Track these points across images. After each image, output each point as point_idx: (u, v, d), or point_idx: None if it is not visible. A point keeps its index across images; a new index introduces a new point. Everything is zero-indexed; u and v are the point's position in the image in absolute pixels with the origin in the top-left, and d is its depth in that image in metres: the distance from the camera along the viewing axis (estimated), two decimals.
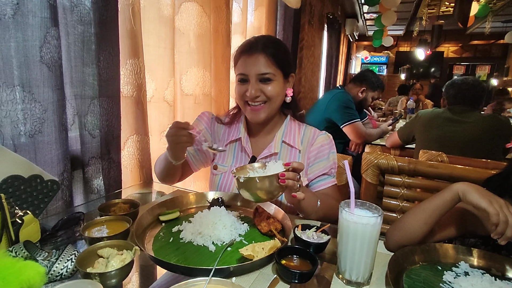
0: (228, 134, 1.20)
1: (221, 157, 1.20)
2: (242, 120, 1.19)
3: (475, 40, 9.21)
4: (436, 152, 1.57)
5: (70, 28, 1.06)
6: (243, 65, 1.06)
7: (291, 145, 1.13)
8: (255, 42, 1.08)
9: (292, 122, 1.18)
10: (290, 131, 1.16)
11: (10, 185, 0.76)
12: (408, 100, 4.11)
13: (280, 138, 1.14)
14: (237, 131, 1.18)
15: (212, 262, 0.72)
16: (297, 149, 1.13)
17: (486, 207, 0.68)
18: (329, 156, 1.13)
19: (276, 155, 1.13)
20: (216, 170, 1.19)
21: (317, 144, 1.13)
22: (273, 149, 1.12)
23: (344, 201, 0.70)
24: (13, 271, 0.53)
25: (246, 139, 1.16)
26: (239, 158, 1.17)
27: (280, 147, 1.13)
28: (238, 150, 1.18)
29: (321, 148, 1.13)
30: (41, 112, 0.95)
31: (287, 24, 3.00)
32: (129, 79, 1.25)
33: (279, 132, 1.15)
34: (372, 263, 0.68)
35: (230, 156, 1.19)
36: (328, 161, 1.12)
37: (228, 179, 1.16)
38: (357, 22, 7.70)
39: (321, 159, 1.12)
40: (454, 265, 0.74)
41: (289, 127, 1.16)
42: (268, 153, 1.12)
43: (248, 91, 1.04)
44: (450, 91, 1.98)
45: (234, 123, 1.21)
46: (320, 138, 1.14)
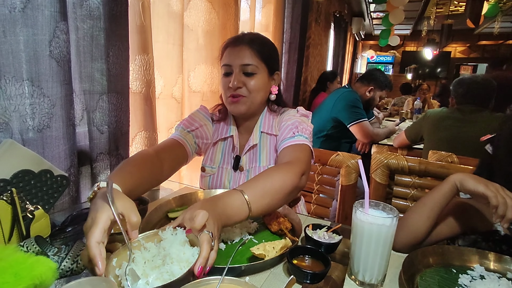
0: (216, 131, 1.18)
1: (208, 158, 1.18)
2: (230, 117, 1.16)
3: (483, 40, 9.10)
4: (446, 153, 1.55)
5: (79, 23, 1.05)
6: (227, 56, 1.06)
7: (270, 133, 1.12)
8: (242, 36, 1.08)
9: (270, 112, 1.15)
10: (268, 120, 1.14)
11: (21, 180, 0.76)
12: (415, 101, 4.08)
13: (258, 129, 1.13)
14: (227, 129, 1.16)
15: (223, 260, 0.71)
16: (275, 135, 1.11)
17: (484, 191, 0.71)
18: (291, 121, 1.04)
19: (256, 146, 1.12)
20: (204, 172, 1.17)
21: (284, 118, 1.09)
22: (252, 142, 1.11)
23: (358, 201, 0.68)
24: (25, 266, 0.52)
25: (237, 137, 1.14)
26: (226, 158, 1.16)
27: (259, 138, 1.12)
28: (228, 148, 1.16)
29: (288, 120, 1.06)
30: (50, 107, 0.94)
31: (294, 22, 2.98)
32: (138, 75, 1.24)
33: (257, 123, 1.13)
34: (386, 265, 0.67)
35: (218, 155, 1.17)
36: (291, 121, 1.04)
37: (217, 181, 1.14)
38: (364, 21, 7.65)
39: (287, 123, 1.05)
40: (469, 268, 0.73)
41: (266, 117, 1.14)
42: (248, 147, 1.12)
43: (230, 82, 1.02)
44: (458, 90, 1.93)
45: (223, 120, 1.19)
46: (286, 113, 1.11)
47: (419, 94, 4.70)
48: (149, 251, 0.62)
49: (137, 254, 0.61)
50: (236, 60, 1.03)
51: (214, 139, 1.17)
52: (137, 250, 0.63)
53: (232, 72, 1.04)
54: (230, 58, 1.05)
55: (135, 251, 0.62)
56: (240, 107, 1.06)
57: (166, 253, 0.59)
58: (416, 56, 9.47)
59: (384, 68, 10.40)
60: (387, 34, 7.22)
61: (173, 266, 0.56)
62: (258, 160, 1.12)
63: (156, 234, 0.66)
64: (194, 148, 1.12)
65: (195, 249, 0.60)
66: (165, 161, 0.97)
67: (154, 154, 0.96)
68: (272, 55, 1.10)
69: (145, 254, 0.61)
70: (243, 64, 1.03)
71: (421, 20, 7.41)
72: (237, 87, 1.03)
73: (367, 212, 0.65)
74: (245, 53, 1.03)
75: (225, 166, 1.15)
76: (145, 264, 0.59)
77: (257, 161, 1.12)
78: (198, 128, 1.14)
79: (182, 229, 0.64)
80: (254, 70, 1.03)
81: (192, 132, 1.12)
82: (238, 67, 1.03)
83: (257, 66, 1.04)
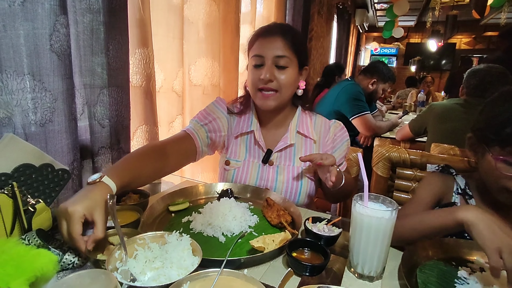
0: (238, 125, 1.15)
1: (233, 152, 1.15)
2: (252, 111, 1.15)
3: (490, 31, 8.95)
4: (449, 146, 1.54)
5: (79, 17, 1.04)
6: (259, 46, 1.02)
7: (306, 135, 1.12)
8: (273, 26, 1.05)
9: (303, 113, 1.16)
10: (303, 121, 1.14)
11: (22, 174, 0.76)
12: (419, 93, 4.04)
13: (295, 129, 1.12)
14: (248, 123, 1.14)
15: (222, 253, 0.72)
16: (312, 139, 1.12)
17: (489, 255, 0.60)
18: (342, 145, 1.14)
19: (292, 147, 1.11)
20: (228, 166, 1.14)
21: (331, 133, 1.13)
22: (289, 141, 1.10)
23: (358, 194, 0.68)
24: (27, 259, 0.53)
25: (259, 131, 1.12)
26: (252, 152, 1.14)
27: (295, 138, 1.12)
28: (251, 143, 1.14)
29: (335, 137, 1.13)
30: (51, 101, 0.94)
31: (296, 14, 2.94)
32: (138, 69, 1.24)
33: (292, 122, 1.13)
34: (385, 258, 0.67)
35: (243, 149, 1.14)
36: (343, 150, 1.14)
37: (243, 174, 1.12)
38: (367, 13, 7.54)
39: (337, 148, 1.13)
40: (470, 261, 0.73)
41: (301, 118, 1.14)
42: (284, 145, 1.10)
43: (262, 74, 1.00)
44: (471, 81, 1.87)
45: (244, 113, 1.16)
46: (332, 127, 1.14)
47: (423, 87, 4.66)
48: (152, 251, 0.63)
49: (140, 252, 0.63)
50: (269, 51, 1.00)
51: (235, 133, 1.14)
52: (141, 248, 0.64)
53: (263, 64, 1.01)
54: (262, 49, 1.01)
55: (139, 248, 0.64)
56: (271, 102, 1.04)
57: (167, 256, 0.61)
58: (420, 48, 9.34)
59: (388, 60, 10.28)
60: (391, 26, 7.14)
61: (172, 271, 0.57)
62: (292, 160, 1.11)
63: (162, 236, 0.68)
64: (205, 143, 1.10)
65: (195, 258, 0.61)
66: (172, 154, 0.97)
67: (161, 146, 0.96)
68: (303, 48, 1.08)
69: (148, 253, 0.63)
70: (277, 56, 1.00)
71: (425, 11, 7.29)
72: (268, 80, 1.00)
73: (367, 205, 0.65)
74: (278, 44, 1.00)
75: (252, 159, 1.13)
76: (146, 263, 0.61)
77: (291, 160, 1.11)
78: (212, 121, 1.12)
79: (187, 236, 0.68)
80: (287, 63, 1.01)
81: (205, 126, 1.10)
82: (271, 59, 1.00)
83: (290, 59, 1.02)
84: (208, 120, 1.12)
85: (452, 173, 0.95)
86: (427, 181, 0.96)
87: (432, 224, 0.74)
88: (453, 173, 0.94)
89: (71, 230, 0.59)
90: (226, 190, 1.04)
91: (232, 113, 1.17)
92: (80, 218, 0.60)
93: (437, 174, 0.97)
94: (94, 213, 0.62)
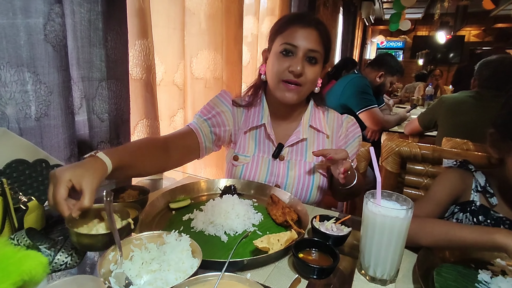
0: (247, 119, 1.10)
1: (241, 147, 1.09)
2: (263, 104, 1.09)
3: (500, 23, 8.73)
4: (461, 140, 1.48)
5: (76, 6, 1.00)
6: (293, 35, 0.95)
7: (319, 130, 1.08)
8: (308, 16, 1.00)
9: (316, 107, 1.12)
10: (315, 115, 1.10)
11: (14, 170, 0.73)
12: (427, 87, 3.94)
13: (307, 123, 1.08)
14: (258, 117, 1.08)
15: (224, 253, 0.68)
16: (325, 133, 1.08)
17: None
18: (354, 140, 1.12)
19: (304, 141, 1.07)
20: (237, 161, 1.08)
21: (343, 128, 1.10)
22: (301, 135, 1.05)
23: (369, 191, 0.63)
24: (14, 261, 0.49)
25: (270, 125, 1.07)
26: (261, 146, 1.09)
27: (307, 133, 1.07)
28: (261, 137, 1.09)
29: (347, 132, 1.10)
30: (47, 94, 0.90)
31: (301, 6, 2.87)
32: (138, 61, 1.20)
33: (305, 116, 1.08)
34: (399, 260, 0.62)
35: (252, 144, 1.09)
36: (354, 146, 1.11)
37: (252, 170, 1.06)
38: (374, 5, 7.39)
39: (349, 143, 1.10)
40: (489, 263, 0.68)
41: (314, 111, 1.10)
42: (296, 139, 1.05)
43: (293, 66, 0.94)
44: (483, 72, 1.80)
45: (253, 106, 1.10)
46: (345, 122, 1.12)
47: (431, 80, 4.56)
48: (149, 252, 0.60)
49: (136, 253, 0.59)
50: (304, 42, 0.94)
51: (244, 128, 1.09)
52: (138, 248, 0.60)
53: (294, 54, 0.96)
54: (297, 39, 0.95)
55: (135, 249, 0.60)
56: (292, 95, 0.98)
57: (165, 258, 0.57)
58: (428, 41, 9.16)
59: (394, 53, 10.08)
60: (398, 19, 6.99)
61: (169, 274, 0.53)
62: (304, 155, 1.07)
63: (160, 236, 0.64)
64: (209, 139, 1.05)
65: (195, 260, 0.57)
66: (174, 149, 0.94)
67: (162, 140, 0.93)
68: (331, 44, 1.04)
69: (145, 255, 0.59)
70: (311, 49, 0.95)
71: (434, 3, 7.12)
72: (299, 73, 0.95)
73: (379, 204, 0.61)
74: (314, 37, 0.96)
75: (261, 154, 1.08)
76: (142, 265, 0.57)
77: (303, 155, 1.07)
78: (215, 116, 1.07)
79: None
80: (317, 57, 0.97)
81: (208, 121, 1.06)
82: (304, 50, 0.95)
83: (321, 54, 0.98)
84: (212, 115, 1.07)
85: (471, 169, 0.89)
86: (444, 177, 0.91)
87: (463, 239, 0.66)
88: (472, 169, 0.89)
89: (55, 193, 0.58)
90: (229, 186, 1.00)
91: (239, 106, 1.11)
92: (66, 182, 0.58)
93: (454, 169, 0.91)
94: (82, 181, 0.60)
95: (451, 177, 0.89)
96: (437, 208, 0.84)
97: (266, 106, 1.09)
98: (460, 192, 0.86)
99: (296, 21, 0.97)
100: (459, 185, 0.87)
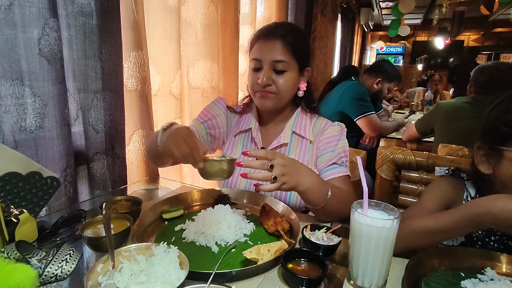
0: (238, 123, 1.16)
1: (229, 149, 1.16)
2: (253, 110, 1.15)
3: (498, 28, 8.76)
4: (457, 146, 1.48)
5: (71, 20, 1.02)
6: (258, 50, 1.01)
7: (302, 136, 1.09)
8: (274, 27, 1.03)
9: (303, 113, 1.13)
10: (301, 121, 1.11)
11: (7, 182, 0.74)
12: (426, 92, 3.95)
13: (290, 129, 1.10)
14: (248, 121, 1.14)
15: (214, 264, 0.68)
16: (308, 139, 1.09)
17: None
18: (337, 144, 1.06)
19: (286, 146, 1.09)
20: None
21: (327, 134, 1.08)
22: (282, 140, 1.08)
23: (357, 201, 0.64)
24: (1, 275, 0.50)
25: (256, 129, 1.12)
26: (247, 149, 1.12)
27: (290, 138, 1.09)
28: (248, 140, 1.14)
29: (332, 138, 1.07)
30: (41, 106, 0.92)
31: (298, 14, 2.90)
32: (133, 72, 1.21)
33: (289, 122, 1.10)
34: (387, 269, 0.62)
35: (239, 147, 1.15)
36: (336, 150, 1.05)
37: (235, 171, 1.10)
38: (372, 11, 7.45)
39: (330, 150, 1.06)
40: (479, 272, 0.67)
41: (299, 118, 1.12)
42: (277, 144, 1.08)
43: (260, 79, 0.99)
44: (479, 78, 1.81)
45: (245, 113, 1.17)
46: (331, 128, 1.09)
47: (430, 85, 4.56)
48: (138, 264, 0.60)
49: (125, 265, 0.59)
50: (267, 55, 0.99)
51: (235, 131, 1.15)
52: (127, 260, 0.61)
53: (262, 68, 1.00)
54: (260, 53, 1.00)
55: (124, 261, 0.60)
56: (268, 102, 1.03)
57: (153, 270, 0.57)
58: (427, 46, 9.20)
59: (394, 59, 10.15)
60: (397, 24, 7.04)
61: (156, 285, 0.54)
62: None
63: (149, 247, 0.65)
64: (205, 140, 1.13)
65: (182, 272, 0.58)
66: None
67: None
68: (305, 50, 1.06)
69: (134, 267, 0.59)
70: (274, 61, 0.99)
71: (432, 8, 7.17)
72: (266, 84, 1.00)
73: (366, 214, 0.61)
74: (277, 49, 0.99)
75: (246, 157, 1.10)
76: (131, 276, 0.57)
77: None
78: (211, 118, 1.15)
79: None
80: (285, 67, 1.00)
81: (204, 123, 1.14)
82: (269, 63, 0.99)
83: (289, 63, 1.00)
84: (208, 118, 1.15)
85: (463, 177, 0.89)
86: (435, 185, 0.90)
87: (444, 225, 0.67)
88: (464, 177, 0.89)
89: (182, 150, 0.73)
90: (222, 195, 1.01)
91: (233, 111, 1.19)
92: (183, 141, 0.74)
93: (446, 178, 0.91)
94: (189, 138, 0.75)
95: (442, 186, 0.89)
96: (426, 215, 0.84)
97: (256, 112, 1.14)
98: (452, 200, 0.86)
99: (260, 36, 1.02)
100: (451, 194, 0.86)
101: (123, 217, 0.81)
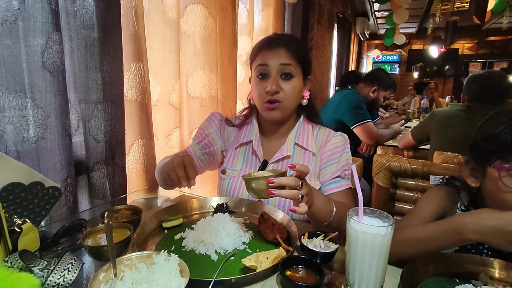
0: (238, 136, 1.16)
1: (230, 161, 1.15)
2: (253, 122, 1.14)
3: (492, 36, 8.91)
4: (452, 153, 1.50)
5: (74, 33, 1.05)
6: (263, 56, 1.01)
7: (305, 148, 1.08)
8: (276, 37, 1.05)
9: (306, 124, 1.13)
10: (303, 132, 1.11)
11: (10, 193, 0.75)
12: (422, 99, 4.00)
13: (293, 141, 1.09)
14: (249, 134, 1.13)
15: (214, 272, 0.69)
16: (311, 151, 1.08)
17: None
18: (341, 156, 1.06)
19: (289, 158, 1.08)
20: (224, 175, 1.14)
21: (331, 146, 1.08)
22: (285, 152, 1.07)
23: (352, 209, 0.66)
24: (5, 284, 0.51)
25: (258, 142, 1.11)
26: (249, 162, 1.12)
27: (293, 150, 1.08)
28: (249, 153, 1.13)
29: (335, 150, 1.07)
30: (44, 118, 0.94)
31: (295, 25, 2.95)
32: (133, 83, 1.24)
33: (291, 134, 1.10)
34: (383, 275, 0.63)
35: (240, 159, 1.13)
36: (340, 163, 1.06)
37: (237, 184, 1.11)
38: (368, 21, 7.57)
39: (334, 162, 1.06)
40: (473, 277, 0.69)
41: (302, 129, 1.11)
42: (280, 156, 1.07)
43: (268, 86, 0.98)
44: (472, 86, 1.85)
45: (245, 125, 1.16)
46: (334, 140, 1.09)
47: (426, 93, 4.62)
48: (139, 272, 0.61)
49: (126, 273, 0.61)
50: (274, 59, 0.99)
51: (235, 143, 1.15)
52: (128, 269, 0.62)
53: (268, 75, 1.01)
54: (267, 59, 1.00)
55: (126, 269, 0.61)
56: (277, 113, 1.03)
57: (154, 278, 0.58)
58: (423, 54, 9.33)
59: (390, 67, 10.27)
60: (393, 33, 7.14)
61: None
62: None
63: (150, 256, 0.66)
64: (202, 160, 1.16)
65: (182, 280, 0.59)
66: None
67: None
68: (307, 58, 1.08)
69: (135, 275, 0.60)
70: (282, 64, 0.99)
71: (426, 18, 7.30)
72: (275, 92, 0.99)
73: (361, 221, 0.63)
74: (283, 54, 1.00)
75: (248, 169, 1.11)
76: (133, 284, 0.58)
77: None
78: (205, 138, 1.17)
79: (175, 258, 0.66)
80: (292, 71, 1.00)
81: (199, 144, 1.17)
82: (276, 67, 0.99)
83: (295, 67, 1.01)
84: (202, 137, 1.17)
85: (458, 185, 0.90)
86: (430, 195, 0.92)
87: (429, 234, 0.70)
88: (459, 185, 0.90)
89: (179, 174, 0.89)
90: (221, 204, 1.02)
91: (232, 125, 1.18)
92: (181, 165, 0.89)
93: (441, 187, 0.92)
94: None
95: (436, 195, 0.90)
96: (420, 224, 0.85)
97: (256, 124, 1.13)
98: (446, 209, 0.87)
99: (264, 45, 1.03)
100: (445, 203, 0.88)
101: (124, 226, 0.82)
